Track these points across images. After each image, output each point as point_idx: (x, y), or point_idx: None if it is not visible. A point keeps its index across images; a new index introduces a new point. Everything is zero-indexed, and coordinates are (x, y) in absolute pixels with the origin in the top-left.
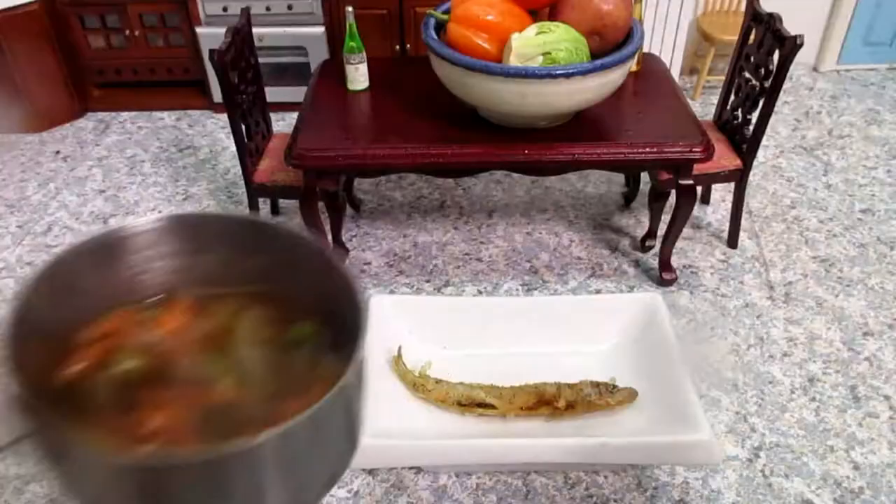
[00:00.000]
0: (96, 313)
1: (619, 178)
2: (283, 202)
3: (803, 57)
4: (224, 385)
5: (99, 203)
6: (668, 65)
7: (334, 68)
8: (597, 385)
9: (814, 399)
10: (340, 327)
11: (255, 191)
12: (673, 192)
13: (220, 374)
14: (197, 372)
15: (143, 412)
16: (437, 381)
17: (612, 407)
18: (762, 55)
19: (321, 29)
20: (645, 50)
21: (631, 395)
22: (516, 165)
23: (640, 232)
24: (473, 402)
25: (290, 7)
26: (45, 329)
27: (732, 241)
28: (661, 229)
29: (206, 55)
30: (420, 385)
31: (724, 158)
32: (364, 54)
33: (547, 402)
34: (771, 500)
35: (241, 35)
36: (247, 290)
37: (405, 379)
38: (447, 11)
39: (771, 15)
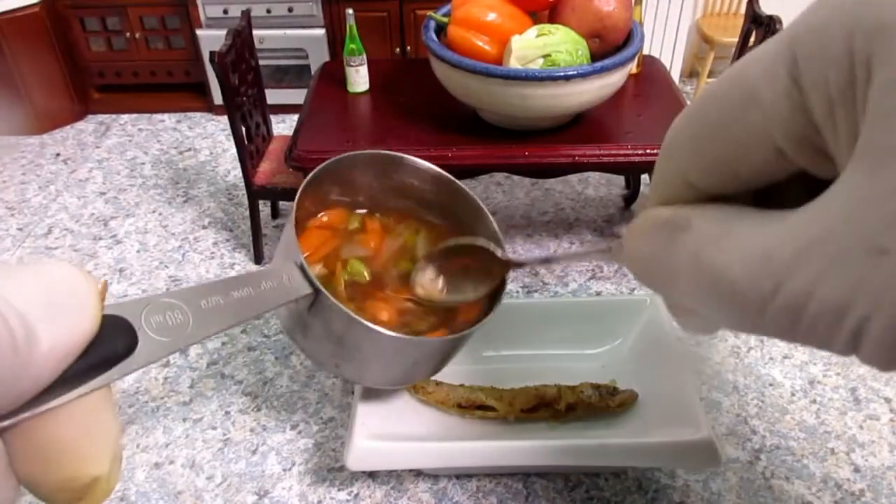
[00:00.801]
0: (327, 206)
1: (619, 180)
2: (283, 204)
3: None
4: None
5: (99, 205)
6: (668, 67)
7: (334, 70)
8: (597, 387)
9: (814, 401)
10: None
11: (255, 193)
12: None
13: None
14: (400, 279)
15: (367, 303)
16: (438, 384)
17: (612, 409)
18: None
19: (321, 31)
20: (645, 52)
21: (632, 397)
22: (516, 167)
23: None
24: (474, 405)
25: (290, 9)
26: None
27: None
28: None
29: (206, 57)
30: (420, 387)
31: None
32: (364, 56)
33: (547, 404)
34: (772, 502)
35: (241, 37)
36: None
37: None
38: (447, 14)
39: (771, 17)
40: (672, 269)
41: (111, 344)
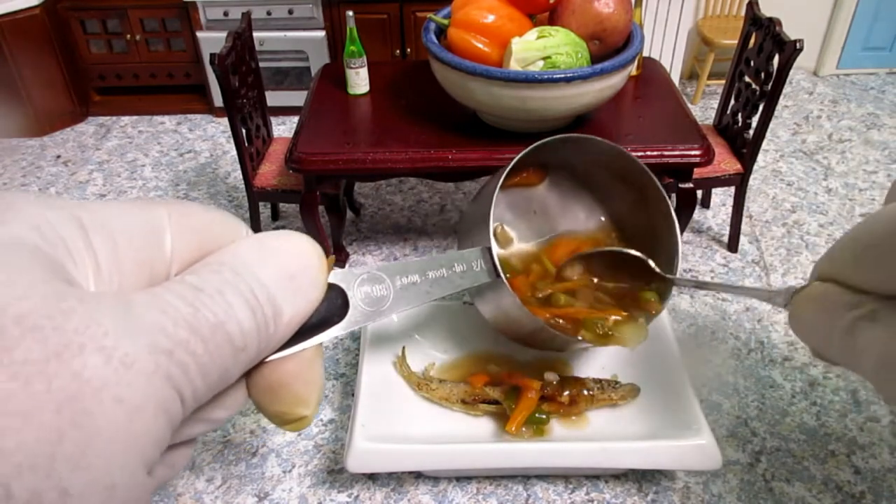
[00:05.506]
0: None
1: None
2: (283, 206)
3: (803, 61)
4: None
5: None
6: (668, 69)
7: (335, 72)
8: (599, 381)
9: (815, 403)
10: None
11: (255, 195)
12: (673, 196)
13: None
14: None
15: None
16: (441, 381)
17: (614, 402)
18: (762, 59)
19: (322, 33)
20: (645, 54)
21: (633, 390)
22: None
23: None
24: (477, 399)
25: (290, 12)
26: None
27: (733, 246)
28: None
29: (206, 59)
30: (424, 385)
31: (725, 162)
32: (364, 58)
33: (549, 397)
34: None
35: (241, 39)
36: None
37: (409, 379)
38: (447, 16)
39: (771, 19)
40: (849, 347)
41: (329, 309)
